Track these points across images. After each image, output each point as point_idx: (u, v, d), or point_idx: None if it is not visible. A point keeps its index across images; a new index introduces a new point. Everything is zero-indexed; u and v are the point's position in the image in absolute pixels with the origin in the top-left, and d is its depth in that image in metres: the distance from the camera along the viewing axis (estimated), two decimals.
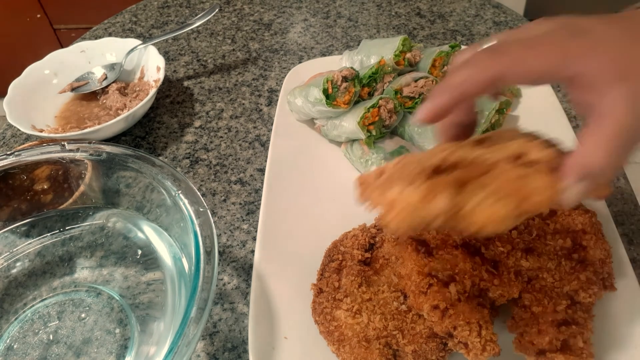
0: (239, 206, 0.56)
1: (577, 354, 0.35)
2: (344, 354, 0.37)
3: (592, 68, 0.31)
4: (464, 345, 0.35)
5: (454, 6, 0.83)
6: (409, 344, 0.37)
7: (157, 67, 0.68)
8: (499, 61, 0.32)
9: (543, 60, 0.31)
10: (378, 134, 0.54)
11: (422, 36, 0.78)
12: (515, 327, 0.38)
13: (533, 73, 0.32)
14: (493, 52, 0.32)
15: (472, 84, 0.32)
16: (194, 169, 0.61)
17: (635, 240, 0.49)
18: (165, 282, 0.44)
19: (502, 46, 0.32)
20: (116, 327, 0.42)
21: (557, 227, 0.40)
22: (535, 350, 0.36)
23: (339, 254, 0.44)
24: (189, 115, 0.68)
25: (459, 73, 0.32)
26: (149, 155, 0.44)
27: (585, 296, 0.37)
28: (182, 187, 0.41)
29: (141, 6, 0.90)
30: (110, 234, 0.47)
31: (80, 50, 0.71)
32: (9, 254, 0.46)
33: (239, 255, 0.51)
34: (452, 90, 0.32)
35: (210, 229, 0.39)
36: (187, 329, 0.33)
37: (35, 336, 0.42)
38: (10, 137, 0.67)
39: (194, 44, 0.81)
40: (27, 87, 0.66)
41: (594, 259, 0.39)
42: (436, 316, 0.36)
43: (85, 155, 0.45)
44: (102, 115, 0.66)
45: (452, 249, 0.38)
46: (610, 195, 0.36)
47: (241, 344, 0.44)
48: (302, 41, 0.80)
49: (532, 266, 0.39)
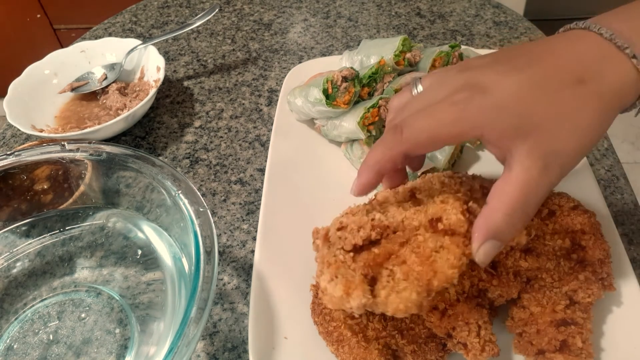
0: (239, 206, 0.56)
1: (576, 354, 0.35)
2: (343, 354, 0.37)
3: (494, 130, 0.32)
4: (463, 345, 0.35)
5: (454, 6, 0.83)
6: (408, 344, 0.37)
7: (157, 67, 0.68)
8: (403, 139, 0.34)
9: (445, 130, 0.33)
10: (378, 134, 0.54)
11: (422, 36, 0.78)
12: (514, 328, 0.38)
13: (439, 142, 0.34)
14: (395, 129, 0.35)
15: (387, 161, 0.36)
16: (194, 169, 0.61)
17: (635, 240, 0.49)
18: (165, 282, 0.44)
19: (406, 120, 0.35)
20: (116, 327, 0.42)
21: (556, 228, 0.40)
22: (534, 350, 0.36)
23: None
24: (189, 115, 0.68)
25: (373, 154, 0.36)
26: (149, 155, 0.44)
27: (584, 296, 0.37)
28: (182, 187, 0.41)
29: (141, 6, 0.90)
30: (110, 234, 0.48)
31: (80, 50, 0.71)
32: (9, 254, 0.46)
33: (239, 255, 0.51)
34: (371, 169, 0.36)
35: (210, 229, 0.39)
36: (187, 329, 0.33)
37: (35, 336, 0.42)
38: (10, 137, 0.67)
39: (194, 44, 0.81)
40: (27, 87, 0.66)
41: (593, 259, 0.39)
42: (435, 317, 0.36)
43: (85, 155, 0.45)
44: (102, 115, 0.66)
45: None
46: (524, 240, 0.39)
47: (241, 344, 0.45)
48: (302, 41, 0.80)
49: (531, 266, 0.39)
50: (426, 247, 0.34)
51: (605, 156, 0.57)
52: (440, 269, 0.32)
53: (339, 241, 0.36)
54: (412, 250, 0.34)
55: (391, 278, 0.33)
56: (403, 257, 0.34)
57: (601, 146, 0.58)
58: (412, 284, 0.32)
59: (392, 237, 0.36)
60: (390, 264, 0.34)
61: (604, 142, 0.59)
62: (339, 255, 0.34)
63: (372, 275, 0.34)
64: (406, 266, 0.33)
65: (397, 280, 0.33)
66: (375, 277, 0.34)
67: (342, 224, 0.37)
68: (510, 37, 0.75)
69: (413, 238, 0.35)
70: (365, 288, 0.32)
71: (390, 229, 0.36)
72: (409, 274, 0.33)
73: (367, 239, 0.35)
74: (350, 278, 0.33)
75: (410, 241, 0.35)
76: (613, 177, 0.55)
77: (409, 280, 0.32)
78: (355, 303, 0.32)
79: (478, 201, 0.37)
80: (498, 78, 0.33)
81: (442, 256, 0.33)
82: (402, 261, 0.34)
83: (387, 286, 0.33)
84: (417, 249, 0.34)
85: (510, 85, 0.32)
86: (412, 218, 0.36)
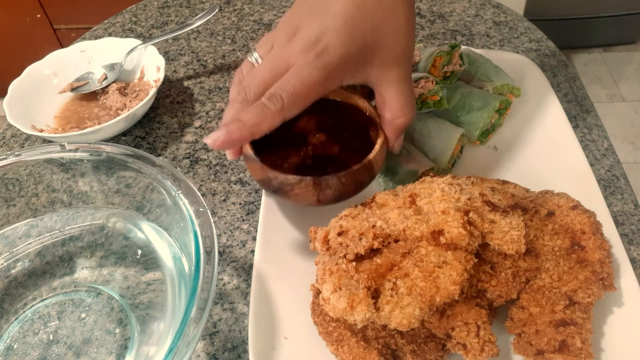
0: (239, 206, 0.56)
1: (576, 354, 0.35)
2: (343, 354, 0.37)
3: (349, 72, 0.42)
4: (462, 346, 0.35)
5: (454, 6, 0.83)
6: (408, 344, 0.37)
7: (157, 67, 0.68)
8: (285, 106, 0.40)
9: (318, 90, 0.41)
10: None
11: (422, 36, 0.78)
12: (514, 328, 0.38)
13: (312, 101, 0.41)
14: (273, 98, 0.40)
15: (267, 127, 0.40)
16: (194, 169, 0.61)
17: (635, 240, 0.49)
18: (165, 282, 0.44)
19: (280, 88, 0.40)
20: (116, 327, 0.42)
21: (555, 227, 0.40)
22: (534, 350, 0.36)
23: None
24: (189, 115, 0.68)
25: (250, 117, 0.40)
26: (149, 155, 0.44)
27: (584, 296, 0.37)
28: (182, 187, 0.42)
29: (141, 6, 0.90)
30: (110, 234, 0.48)
31: (80, 50, 0.71)
32: (9, 254, 0.46)
33: (239, 255, 0.51)
34: (248, 130, 0.40)
35: (210, 229, 0.39)
36: (187, 329, 0.33)
37: (35, 336, 0.42)
38: (10, 137, 0.67)
39: (194, 44, 0.81)
40: (27, 87, 0.66)
41: (593, 259, 0.39)
42: (434, 317, 0.36)
43: (85, 155, 0.45)
44: (102, 115, 0.66)
45: None
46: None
47: (241, 344, 0.45)
48: None
49: (531, 267, 0.39)
50: (429, 261, 0.34)
51: (605, 156, 0.57)
52: (443, 285, 0.33)
53: (340, 248, 0.36)
54: (415, 263, 0.35)
55: (394, 292, 0.34)
56: (406, 270, 0.35)
57: (601, 146, 0.58)
58: (415, 300, 0.33)
59: (394, 246, 0.36)
60: (393, 275, 0.35)
61: (604, 142, 0.59)
62: (342, 265, 0.35)
63: (375, 287, 0.34)
64: (409, 280, 0.34)
65: (401, 295, 0.33)
66: (377, 289, 0.34)
67: (343, 229, 0.37)
68: (510, 37, 0.75)
69: (415, 250, 0.36)
70: (369, 302, 0.33)
71: (391, 237, 0.37)
72: (412, 289, 0.33)
73: (369, 248, 0.35)
74: (354, 291, 0.33)
75: (413, 253, 0.36)
76: (613, 177, 0.55)
77: (412, 295, 0.33)
78: (359, 317, 0.33)
79: (478, 210, 0.38)
80: (324, 29, 0.39)
81: (444, 272, 0.34)
82: (405, 274, 0.34)
83: (390, 301, 0.33)
84: (419, 262, 0.35)
85: (338, 30, 0.39)
86: (413, 228, 0.36)
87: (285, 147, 0.45)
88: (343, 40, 0.39)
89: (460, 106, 0.55)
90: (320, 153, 0.45)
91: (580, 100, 0.64)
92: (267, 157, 0.44)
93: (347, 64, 0.40)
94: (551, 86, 0.60)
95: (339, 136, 0.46)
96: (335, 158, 0.44)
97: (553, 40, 0.74)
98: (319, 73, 0.39)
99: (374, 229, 0.36)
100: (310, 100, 0.40)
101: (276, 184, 0.42)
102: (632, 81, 1.94)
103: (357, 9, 0.39)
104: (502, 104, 0.55)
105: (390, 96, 0.43)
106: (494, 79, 0.58)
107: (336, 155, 0.45)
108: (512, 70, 0.59)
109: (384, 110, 0.43)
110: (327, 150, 0.45)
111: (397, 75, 0.42)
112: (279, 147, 0.45)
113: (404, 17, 0.41)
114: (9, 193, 0.47)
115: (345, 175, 0.41)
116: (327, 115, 0.47)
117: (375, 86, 0.43)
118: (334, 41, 0.39)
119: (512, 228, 0.37)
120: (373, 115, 0.46)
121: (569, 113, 0.60)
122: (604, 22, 1.91)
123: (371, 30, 0.40)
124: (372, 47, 0.40)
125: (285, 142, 0.45)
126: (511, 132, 0.56)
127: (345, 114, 0.47)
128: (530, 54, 0.72)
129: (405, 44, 0.41)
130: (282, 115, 0.40)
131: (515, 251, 0.37)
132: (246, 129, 0.39)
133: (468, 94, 0.56)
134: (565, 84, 0.67)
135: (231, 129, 0.39)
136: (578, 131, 0.59)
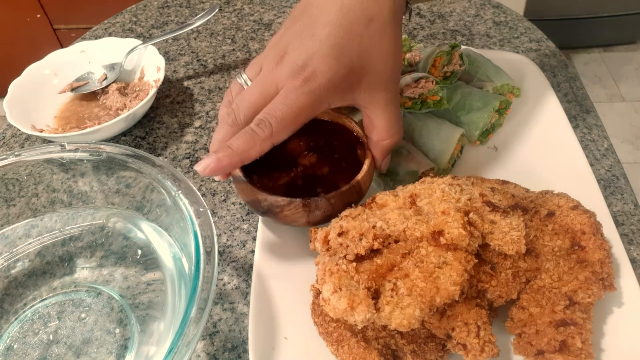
0: (239, 206, 0.56)
1: (576, 355, 0.35)
2: (343, 354, 0.37)
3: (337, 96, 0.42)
4: (462, 346, 0.35)
5: (454, 6, 0.83)
6: (408, 344, 0.37)
7: (157, 67, 0.68)
8: (274, 132, 0.40)
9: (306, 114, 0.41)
10: None
11: (422, 36, 0.78)
12: (514, 328, 0.38)
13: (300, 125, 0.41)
14: (262, 123, 0.40)
15: (257, 153, 0.41)
16: (194, 169, 0.61)
17: (635, 240, 0.49)
18: (165, 282, 0.44)
19: (269, 114, 0.40)
20: (116, 327, 0.42)
21: (555, 228, 0.40)
22: (534, 351, 0.36)
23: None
24: (189, 115, 0.68)
25: (239, 143, 0.40)
26: (149, 155, 0.44)
27: (584, 296, 0.37)
28: (182, 187, 0.42)
29: (141, 6, 0.90)
30: (110, 234, 0.48)
31: (80, 50, 0.71)
32: (9, 254, 0.46)
33: (239, 255, 0.51)
34: (237, 157, 0.40)
35: (210, 229, 0.39)
36: (187, 329, 0.33)
37: (35, 336, 0.42)
38: (10, 137, 0.67)
39: (194, 44, 0.81)
40: (27, 87, 0.66)
41: (593, 259, 0.39)
42: (434, 317, 0.36)
43: (85, 155, 0.45)
44: (102, 115, 0.66)
45: None
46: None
47: (241, 344, 0.45)
48: None
49: (531, 267, 0.39)
50: (429, 262, 0.34)
51: (605, 156, 0.57)
52: (443, 285, 0.33)
53: (340, 248, 0.36)
54: (415, 264, 0.35)
55: (395, 293, 0.34)
56: (406, 270, 0.35)
57: (601, 146, 0.58)
58: (415, 300, 0.33)
59: (394, 247, 0.36)
60: (393, 276, 0.35)
61: (604, 142, 0.59)
62: (342, 265, 0.35)
63: (375, 288, 0.34)
64: (410, 281, 0.34)
65: (401, 295, 0.34)
66: (378, 290, 0.34)
67: (343, 229, 0.37)
68: (510, 37, 0.75)
69: (415, 250, 0.36)
70: (370, 303, 0.33)
71: (392, 238, 0.37)
72: (413, 290, 0.33)
73: (370, 248, 0.36)
74: (354, 292, 0.33)
75: (413, 253, 0.36)
76: (613, 177, 0.55)
77: (412, 296, 0.33)
78: (360, 318, 0.33)
79: (478, 210, 0.38)
80: (311, 54, 0.40)
81: (445, 272, 0.34)
82: (405, 274, 0.34)
83: (391, 301, 0.33)
84: (420, 263, 0.35)
85: (325, 55, 0.39)
86: (413, 228, 0.36)
87: (275, 168, 0.45)
88: (330, 66, 0.39)
89: (460, 106, 0.55)
90: (310, 173, 0.45)
91: (580, 100, 0.64)
92: (257, 178, 0.44)
93: (334, 88, 0.40)
94: (551, 86, 0.60)
95: (328, 156, 0.46)
96: (324, 178, 0.45)
97: (553, 40, 0.74)
98: (306, 98, 0.40)
99: (374, 229, 0.36)
100: (298, 124, 0.41)
101: (265, 206, 0.42)
102: (632, 81, 1.94)
103: (345, 34, 0.39)
104: (502, 104, 0.55)
105: (377, 119, 0.43)
106: (494, 79, 0.58)
107: (325, 175, 0.45)
108: (512, 70, 0.59)
109: (371, 132, 0.44)
110: (317, 170, 0.46)
111: (383, 98, 0.42)
112: (268, 168, 0.45)
113: (391, 41, 0.41)
114: (9, 193, 0.47)
115: (334, 196, 0.42)
116: (316, 136, 0.47)
117: (363, 109, 0.44)
118: (321, 66, 0.39)
119: (512, 228, 0.37)
120: (360, 135, 0.46)
121: (569, 113, 0.60)
122: (604, 22, 1.91)
123: (358, 54, 0.40)
124: (359, 72, 0.41)
125: (275, 163, 0.45)
126: (511, 132, 0.56)
127: (334, 134, 0.48)
128: (530, 54, 0.72)
129: (392, 67, 0.42)
130: (271, 140, 0.40)
131: (515, 251, 0.37)
132: (236, 155, 0.40)
133: (468, 94, 0.56)
134: (565, 84, 0.67)
135: (220, 156, 0.40)
136: (578, 131, 0.59)
